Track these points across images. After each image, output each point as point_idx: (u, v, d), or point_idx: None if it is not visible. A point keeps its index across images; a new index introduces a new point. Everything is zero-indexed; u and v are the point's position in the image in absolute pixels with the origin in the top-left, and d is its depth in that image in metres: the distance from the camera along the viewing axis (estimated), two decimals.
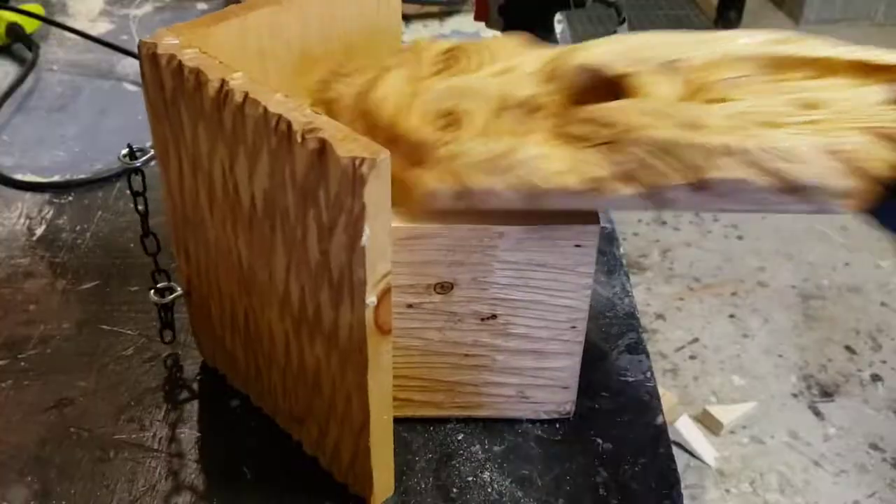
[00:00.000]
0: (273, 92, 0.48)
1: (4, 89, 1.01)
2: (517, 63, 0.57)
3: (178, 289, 0.65)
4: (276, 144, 0.47)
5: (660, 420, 0.63)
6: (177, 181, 0.57)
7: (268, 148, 0.47)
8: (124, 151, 0.60)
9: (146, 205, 0.63)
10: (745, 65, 0.53)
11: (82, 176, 0.88)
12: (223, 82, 0.49)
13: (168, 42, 0.52)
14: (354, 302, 0.47)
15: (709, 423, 1.71)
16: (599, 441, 0.62)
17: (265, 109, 0.46)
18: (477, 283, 0.55)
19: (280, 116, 0.46)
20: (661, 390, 0.67)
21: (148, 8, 1.22)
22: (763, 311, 2.00)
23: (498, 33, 1.10)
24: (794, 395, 1.80)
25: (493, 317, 0.57)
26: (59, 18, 1.17)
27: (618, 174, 0.48)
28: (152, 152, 0.59)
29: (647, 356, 0.68)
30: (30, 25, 1.12)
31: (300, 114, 0.46)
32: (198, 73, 0.49)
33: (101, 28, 1.17)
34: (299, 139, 0.45)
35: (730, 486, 1.62)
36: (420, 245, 0.54)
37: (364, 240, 0.45)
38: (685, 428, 1.67)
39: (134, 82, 1.05)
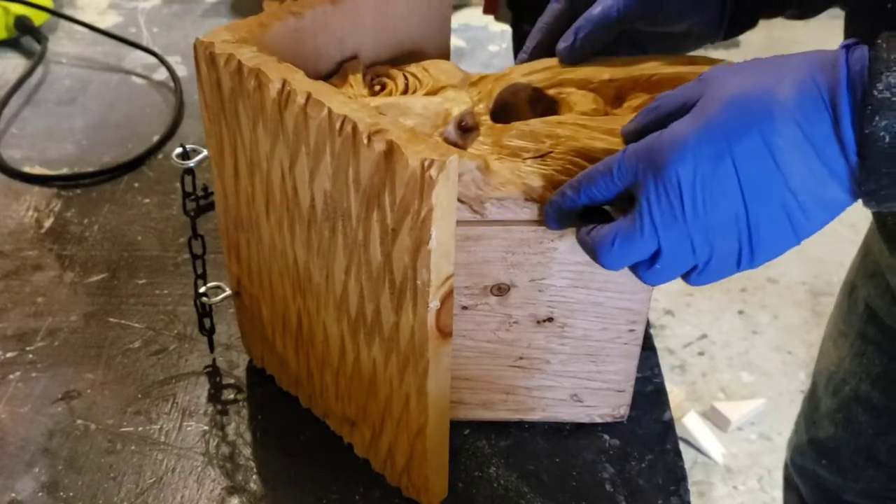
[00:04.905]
0: (336, 93, 0.47)
1: (13, 82, 1.01)
2: (445, 85, 0.59)
3: (227, 289, 0.65)
4: (341, 146, 0.46)
5: (667, 416, 0.63)
6: (232, 182, 0.56)
7: (331, 149, 0.46)
8: (178, 151, 0.58)
9: (197, 203, 0.61)
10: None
11: (90, 169, 0.88)
12: (284, 83, 0.47)
13: (226, 41, 0.51)
14: (417, 305, 0.47)
15: (717, 420, 1.71)
16: (606, 437, 0.62)
17: (329, 111, 0.45)
18: (535, 285, 0.54)
19: (345, 118, 0.45)
20: (668, 386, 0.67)
21: (156, 1, 1.22)
22: (772, 307, 1.99)
23: (507, 28, 1.10)
24: (803, 392, 1.80)
25: (550, 319, 0.56)
26: (68, 11, 1.17)
27: (553, 183, 0.51)
28: (205, 152, 0.58)
29: (655, 352, 0.68)
30: (38, 18, 1.12)
31: (365, 115, 0.45)
32: (258, 73, 0.48)
33: (109, 21, 1.17)
34: (365, 141, 0.44)
35: (737, 483, 1.61)
36: (478, 246, 0.53)
37: (430, 242, 0.44)
38: (693, 424, 1.67)
39: (142, 75, 1.05)
